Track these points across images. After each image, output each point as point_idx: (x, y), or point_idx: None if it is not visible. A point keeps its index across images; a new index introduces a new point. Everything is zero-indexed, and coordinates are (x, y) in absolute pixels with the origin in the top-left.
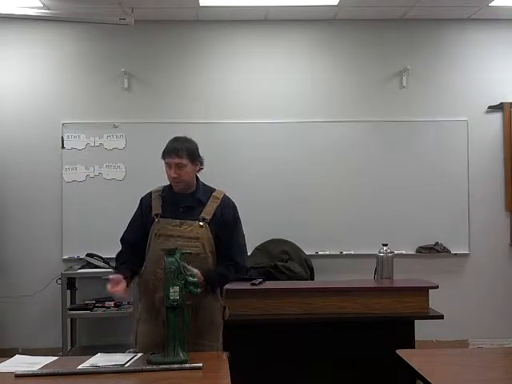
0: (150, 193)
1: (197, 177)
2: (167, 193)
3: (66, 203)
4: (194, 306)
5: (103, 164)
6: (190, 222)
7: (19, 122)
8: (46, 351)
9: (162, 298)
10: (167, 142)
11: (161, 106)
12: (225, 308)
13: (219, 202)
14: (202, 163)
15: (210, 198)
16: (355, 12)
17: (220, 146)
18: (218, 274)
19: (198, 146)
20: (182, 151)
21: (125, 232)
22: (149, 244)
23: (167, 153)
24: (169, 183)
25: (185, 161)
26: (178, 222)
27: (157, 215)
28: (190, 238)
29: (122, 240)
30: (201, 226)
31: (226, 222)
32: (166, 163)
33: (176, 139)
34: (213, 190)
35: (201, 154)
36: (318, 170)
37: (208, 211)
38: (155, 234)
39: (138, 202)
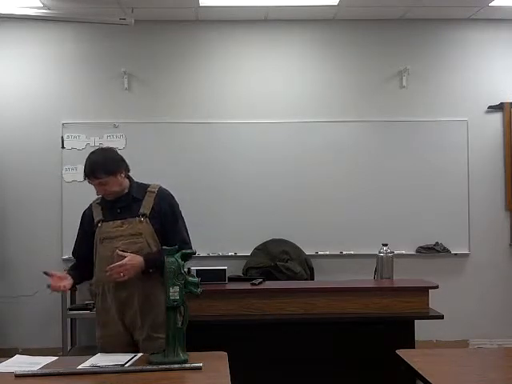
0: (90, 204)
1: (129, 177)
2: (103, 199)
3: (66, 203)
4: (151, 301)
5: None
6: (130, 219)
7: (19, 121)
8: (46, 351)
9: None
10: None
11: (161, 106)
12: None
13: (155, 195)
14: (126, 168)
15: (145, 193)
16: (355, 12)
17: (220, 146)
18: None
19: (198, 146)
20: (98, 172)
21: (74, 245)
22: (95, 250)
23: (86, 176)
24: None
25: (105, 179)
26: (119, 222)
27: (99, 221)
28: (132, 235)
29: (74, 253)
30: (141, 222)
31: (166, 212)
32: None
33: (90, 157)
34: (147, 185)
35: (121, 158)
36: (317, 169)
37: (146, 206)
38: (99, 239)
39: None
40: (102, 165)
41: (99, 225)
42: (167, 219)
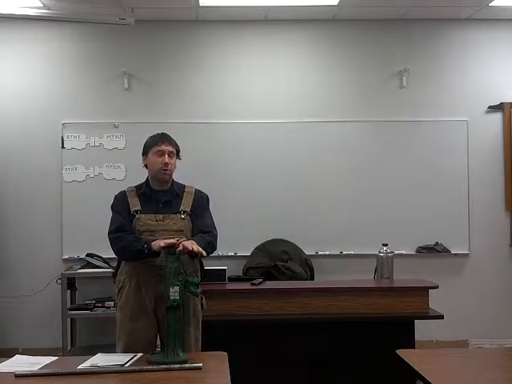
0: (124, 191)
1: None
2: (145, 189)
3: (66, 203)
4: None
5: (103, 164)
6: (172, 216)
7: (19, 121)
8: (46, 351)
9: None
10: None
11: (161, 106)
12: (202, 298)
13: (193, 195)
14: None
15: (183, 192)
16: (355, 12)
17: (220, 146)
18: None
19: (198, 146)
20: (172, 141)
21: (118, 223)
22: None
23: (160, 140)
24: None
25: (174, 150)
26: (160, 216)
27: (136, 211)
28: (175, 231)
29: (120, 226)
30: (182, 219)
31: (199, 208)
32: (157, 151)
33: (162, 133)
34: (184, 185)
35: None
36: (318, 169)
37: (186, 204)
38: (138, 231)
39: (113, 199)
40: (174, 141)
41: (136, 215)
42: (199, 213)
